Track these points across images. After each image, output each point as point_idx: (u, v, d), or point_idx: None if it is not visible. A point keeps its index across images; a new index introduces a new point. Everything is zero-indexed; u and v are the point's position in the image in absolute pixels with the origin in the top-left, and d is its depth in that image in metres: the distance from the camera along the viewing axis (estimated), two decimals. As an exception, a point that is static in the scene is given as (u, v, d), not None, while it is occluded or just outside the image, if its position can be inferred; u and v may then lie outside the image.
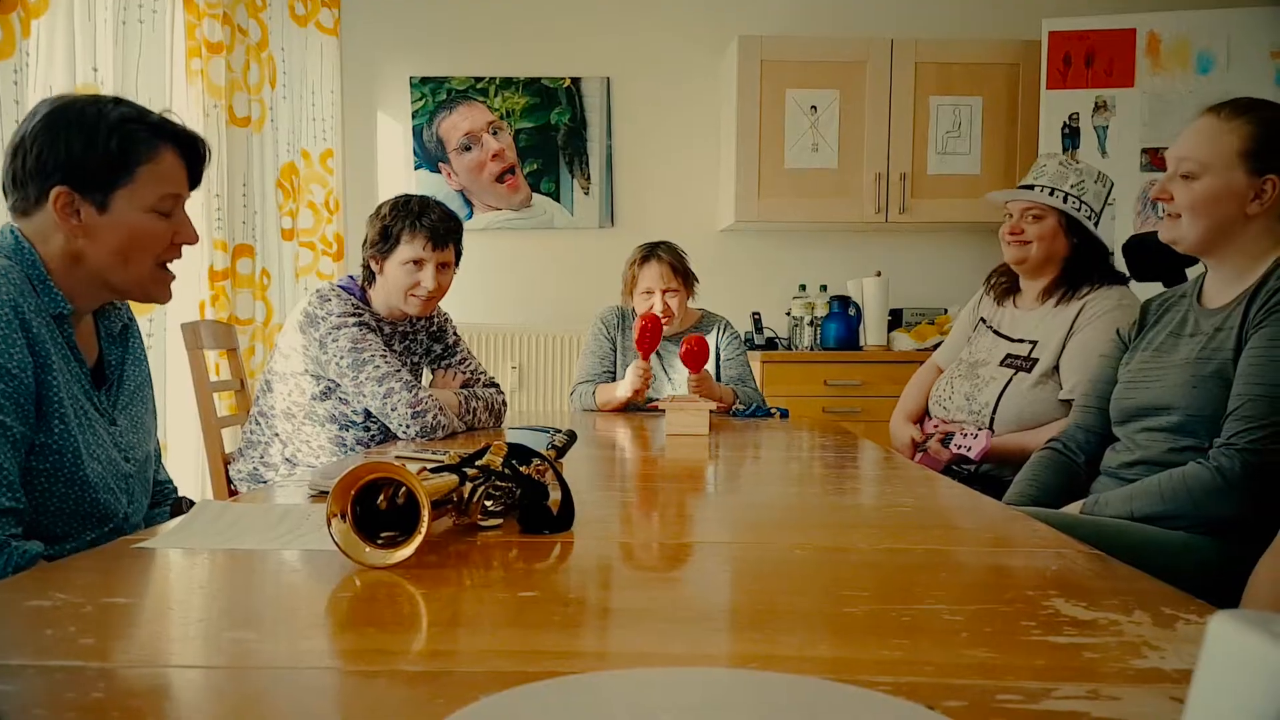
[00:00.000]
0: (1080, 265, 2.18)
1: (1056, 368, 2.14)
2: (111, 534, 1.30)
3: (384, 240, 2.11)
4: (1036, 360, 2.15)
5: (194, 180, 1.38)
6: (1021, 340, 2.22)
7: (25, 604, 0.75)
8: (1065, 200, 2.16)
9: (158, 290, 1.37)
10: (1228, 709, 0.33)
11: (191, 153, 1.36)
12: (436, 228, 2.10)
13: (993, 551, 0.99)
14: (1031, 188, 2.21)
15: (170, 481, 1.60)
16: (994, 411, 2.16)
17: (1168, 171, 1.61)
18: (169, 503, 1.55)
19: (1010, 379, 2.17)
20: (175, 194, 1.33)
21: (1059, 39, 3.78)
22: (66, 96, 1.29)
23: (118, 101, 1.31)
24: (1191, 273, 1.74)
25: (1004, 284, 2.36)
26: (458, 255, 2.21)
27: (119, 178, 1.27)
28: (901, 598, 0.79)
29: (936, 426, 2.29)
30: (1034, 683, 0.59)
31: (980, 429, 2.16)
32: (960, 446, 2.15)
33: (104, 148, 1.26)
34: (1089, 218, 2.18)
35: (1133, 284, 2.25)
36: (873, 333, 3.99)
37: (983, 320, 2.37)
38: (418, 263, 2.10)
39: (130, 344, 1.44)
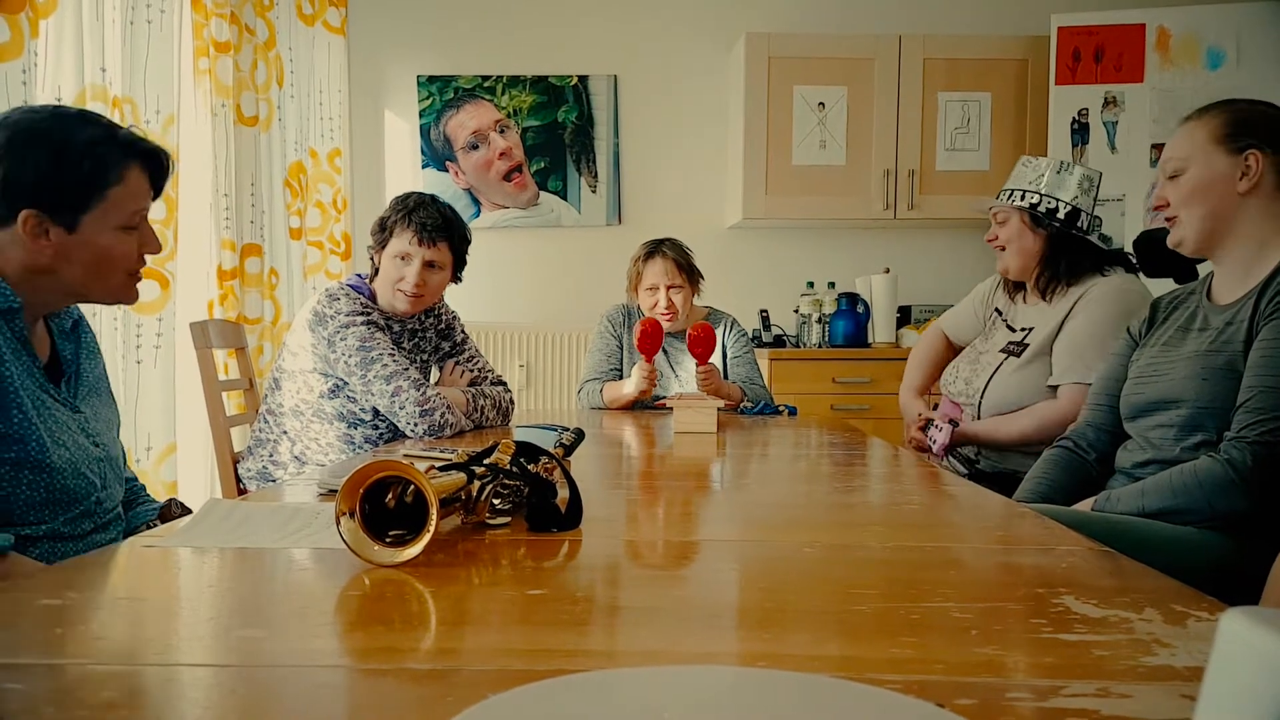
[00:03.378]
0: (1061, 259, 2.18)
1: (1049, 352, 2.15)
2: (81, 517, 1.30)
3: (381, 232, 2.15)
4: (1028, 345, 2.16)
5: (156, 191, 1.38)
6: (1022, 329, 2.24)
7: (36, 602, 0.75)
8: (1023, 198, 2.19)
9: (127, 296, 1.38)
10: (1239, 707, 0.33)
11: (156, 165, 1.36)
12: (425, 223, 2.11)
13: (1002, 549, 0.99)
14: (1000, 195, 2.27)
15: (136, 479, 1.60)
16: (982, 395, 2.20)
17: (1159, 182, 1.64)
18: (150, 504, 1.55)
19: (1000, 364, 2.20)
20: (143, 210, 1.34)
21: (1068, 34, 3.76)
22: (29, 113, 1.27)
23: (84, 117, 1.29)
24: (1203, 269, 1.73)
25: (1012, 282, 2.37)
26: (459, 263, 2.21)
27: (90, 200, 1.26)
28: (911, 596, 0.79)
29: (947, 408, 2.32)
30: (1044, 680, 0.59)
31: (948, 421, 2.21)
32: (930, 441, 2.20)
33: (75, 171, 1.24)
34: (1053, 208, 2.17)
35: (1143, 278, 2.24)
36: (881, 330, 3.98)
37: (998, 311, 2.39)
38: (404, 257, 2.12)
39: (83, 339, 1.44)
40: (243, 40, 3.37)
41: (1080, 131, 3.75)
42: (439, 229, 2.13)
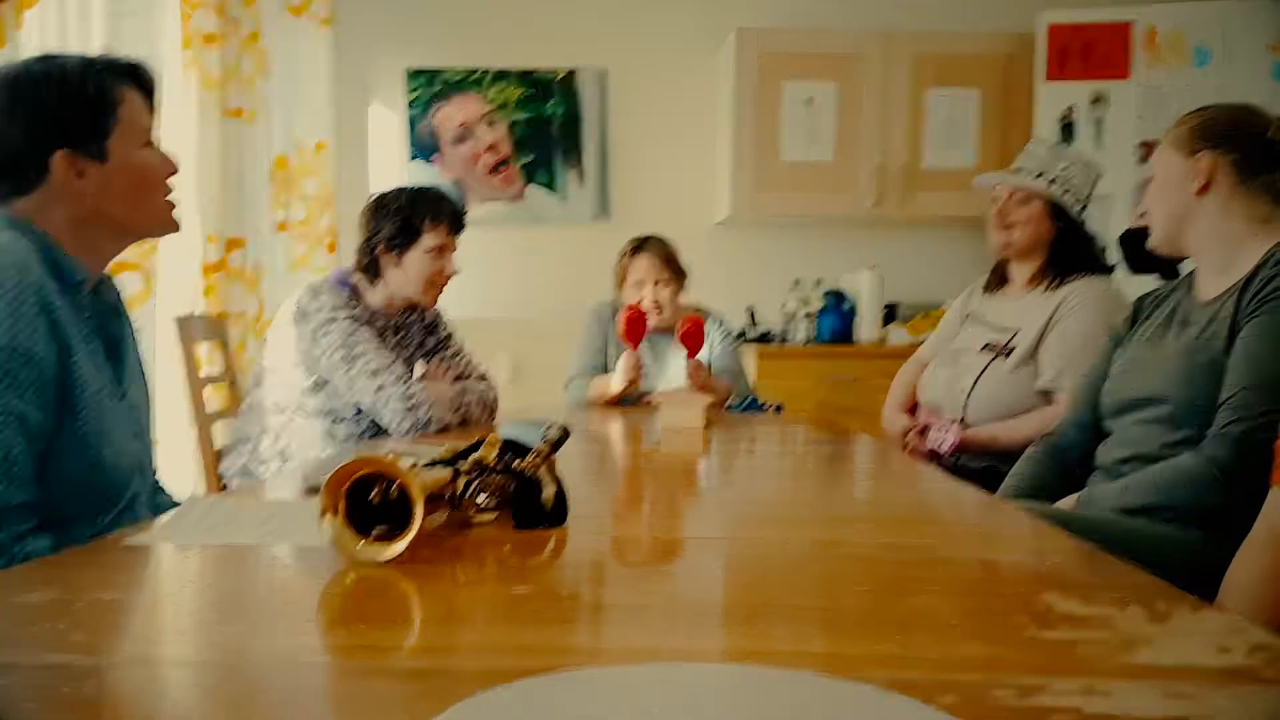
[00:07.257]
0: (1065, 251, 2.19)
1: (1035, 355, 2.14)
2: (123, 513, 1.29)
3: (405, 233, 2.12)
4: (1015, 348, 2.15)
5: (150, 106, 1.35)
6: (1003, 328, 2.22)
7: (15, 599, 0.75)
8: (1052, 184, 2.17)
9: (171, 224, 1.37)
10: None
11: (142, 79, 1.33)
12: (456, 213, 2.19)
13: (987, 546, 0.99)
14: (1019, 172, 2.22)
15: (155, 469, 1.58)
16: (969, 397, 2.17)
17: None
18: (167, 495, 1.54)
19: (987, 365, 2.18)
20: (151, 126, 1.33)
21: (1056, 31, 3.77)
22: (5, 69, 1.25)
23: (54, 55, 1.27)
24: (1185, 267, 1.75)
25: (995, 275, 2.36)
26: None
27: (108, 121, 1.25)
28: (896, 592, 0.79)
29: (927, 416, 2.30)
30: (1028, 677, 0.59)
31: (953, 421, 2.17)
32: (934, 442, 2.16)
33: (83, 97, 1.23)
34: (1075, 203, 2.18)
35: (1127, 276, 2.26)
36: (868, 327, 3.99)
37: (970, 315, 2.38)
38: (441, 249, 2.15)
39: (123, 319, 1.42)
40: (229, 32, 3.35)
41: (1067, 128, 3.77)
42: (464, 216, 2.22)
